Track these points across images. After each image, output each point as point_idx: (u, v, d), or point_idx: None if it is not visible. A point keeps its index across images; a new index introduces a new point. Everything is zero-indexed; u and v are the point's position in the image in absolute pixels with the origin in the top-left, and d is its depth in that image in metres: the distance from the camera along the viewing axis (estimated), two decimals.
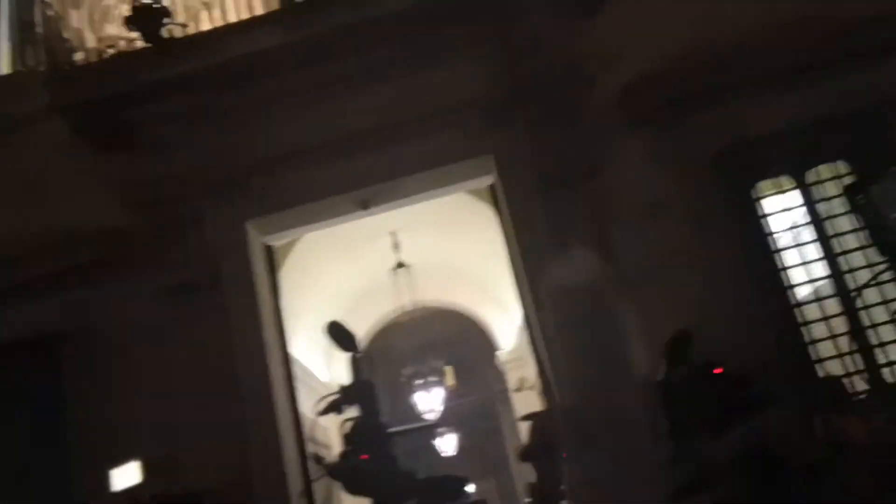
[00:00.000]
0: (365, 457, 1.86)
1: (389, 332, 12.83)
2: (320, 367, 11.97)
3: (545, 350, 6.33)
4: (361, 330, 12.80)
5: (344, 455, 2.06)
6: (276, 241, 7.33)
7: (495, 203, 6.94)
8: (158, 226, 6.40)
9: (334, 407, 2.08)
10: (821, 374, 5.88)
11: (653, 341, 5.61)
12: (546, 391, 6.62)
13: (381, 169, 6.50)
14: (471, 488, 20.62)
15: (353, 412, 2.10)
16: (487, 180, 6.89)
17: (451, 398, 16.37)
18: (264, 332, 6.60)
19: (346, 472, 2.00)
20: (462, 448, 17.47)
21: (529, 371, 11.63)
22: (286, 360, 6.98)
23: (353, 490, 1.98)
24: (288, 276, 8.03)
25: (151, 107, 6.47)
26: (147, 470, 6.11)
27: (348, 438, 1.99)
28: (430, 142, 6.41)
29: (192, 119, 6.55)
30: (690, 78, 6.12)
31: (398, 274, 9.97)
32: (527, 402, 12.44)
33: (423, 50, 6.46)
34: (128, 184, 6.48)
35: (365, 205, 6.78)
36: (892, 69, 6.07)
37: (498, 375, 14.72)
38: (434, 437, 16.43)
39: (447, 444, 16.59)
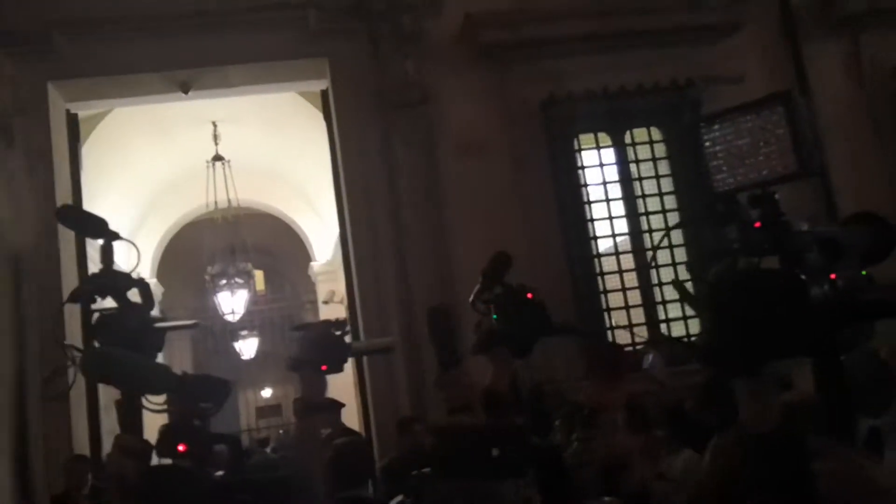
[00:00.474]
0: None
1: (200, 227, 12.28)
2: (120, 254, 11.30)
3: (356, 266, 6.31)
4: (170, 220, 12.19)
5: (89, 347, 1.88)
6: (82, 110, 6.73)
7: (326, 111, 6.72)
8: None
9: (77, 297, 1.88)
10: (608, 323, 6.28)
11: (464, 271, 5.79)
12: (351, 306, 6.64)
13: (204, 52, 6.07)
14: (266, 393, 20.67)
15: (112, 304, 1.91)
16: (320, 85, 6.64)
17: (260, 303, 16.11)
18: (57, 203, 6.06)
19: (93, 359, 1.83)
20: (264, 353, 17.30)
21: (340, 286, 11.63)
22: (81, 239, 6.47)
23: (97, 377, 1.82)
24: (93, 150, 7.42)
25: None
26: None
27: (93, 330, 1.80)
28: (263, 33, 6.05)
29: None
30: (530, 24, 6.18)
31: (215, 167, 9.48)
32: (334, 314, 12.47)
33: None
34: None
35: (185, 88, 6.33)
36: (713, 50, 6.45)
37: (309, 286, 14.62)
38: (236, 339, 16.14)
39: (247, 348, 16.36)
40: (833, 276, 1.47)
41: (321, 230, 12.26)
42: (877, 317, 1.51)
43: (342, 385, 9.59)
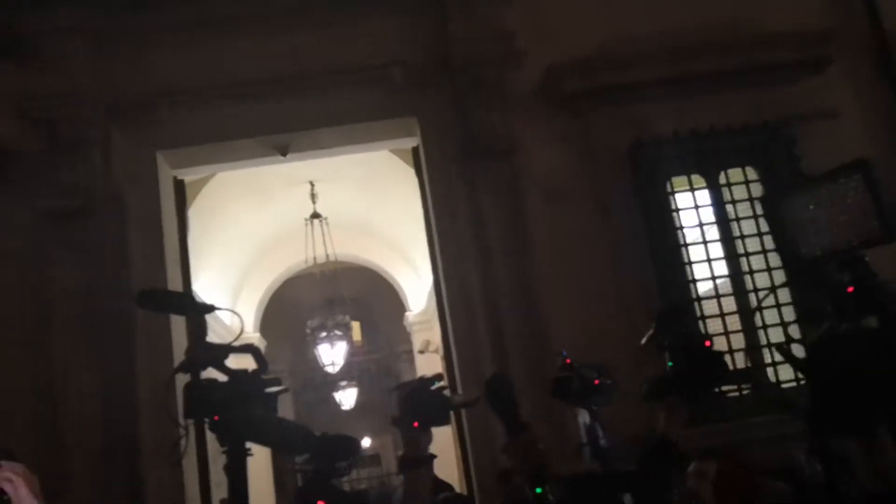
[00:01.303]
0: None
1: (299, 283, 12.68)
2: (226, 312, 11.75)
3: (450, 316, 6.36)
4: (272, 276, 12.63)
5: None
6: (188, 176, 7.10)
7: (417, 166, 6.88)
8: (56, 144, 6.00)
9: (182, 369, 1.93)
10: None
11: (555, 320, 5.79)
12: (447, 356, 6.68)
13: (300, 116, 6.33)
14: (365, 442, 20.86)
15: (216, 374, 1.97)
16: (411, 142, 6.81)
17: (357, 354, 16.39)
18: (168, 270, 6.34)
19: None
20: (362, 403, 17.53)
21: (434, 335, 11.71)
22: None
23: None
24: (198, 214, 7.81)
25: (45, 17, 6.05)
26: (23, 419, 5.66)
27: (190, 403, 1.82)
28: (354, 95, 6.28)
29: (97, 37, 6.19)
30: (613, 69, 6.18)
31: (313, 224, 9.81)
32: (430, 363, 12.55)
33: None
34: (23, 96, 6.04)
35: (283, 151, 6.60)
36: (805, 85, 6.29)
37: (404, 336, 14.78)
38: (335, 389, 16.44)
39: (347, 398, 16.63)
40: None
41: (415, 281, 12.44)
42: None
43: (440, 437, 9.57)
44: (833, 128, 6.09)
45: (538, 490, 2.03)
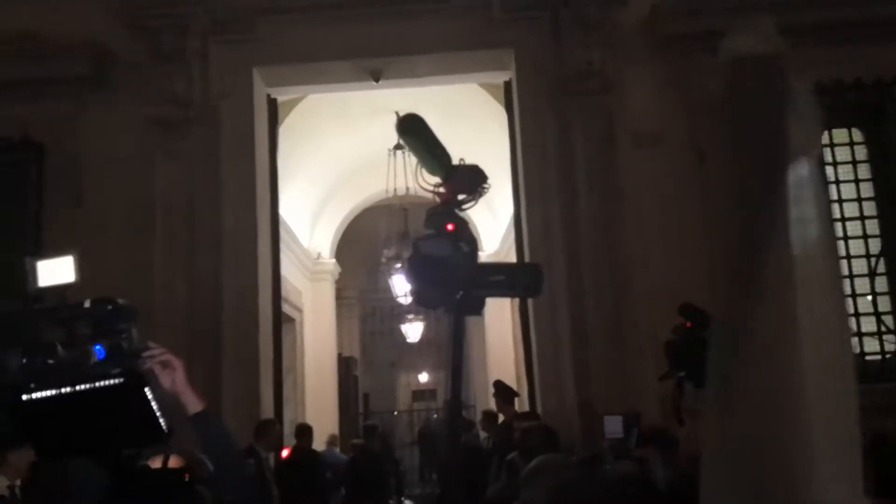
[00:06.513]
0: None
1: (377, 212, 12.81)
2: (305, 233, 11.99)
3: (530, 257, 6.34)
4: (351, 204, 12.80)
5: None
6: (281, 95, 7.17)
7: (507, 101, 6.79)
8: (158, 53, 6.12)
9: None
10: None
11: (637, 266, 5.73)
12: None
13: (396, 41, 6.29)
14: (423, 377, 21.22)
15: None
16: (503, 76, 6.72)
17: None
18: (257, 185, 6.49)
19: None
20: (426, 339, 17.74)
21: None
22: (275, 218, 6.91)
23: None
24: (287, 134, 7.90)
25: None
26: None
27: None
28: (451, 23, 6.20)
29: None
30: (717, 14, 5.89)
31: (396, 156, 9.81)
32: (499, 305, 12.57)
33: None
34: (132, 4, 6.15)
35: (376, 76, 6.60)
36: None
37: None
38: (403, 321, 16.67)
39: (413, 331, 16.86)
40: None
41: (489, 221, 12.41)
42: None
43: (508, 374, 9.69)
44: None
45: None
